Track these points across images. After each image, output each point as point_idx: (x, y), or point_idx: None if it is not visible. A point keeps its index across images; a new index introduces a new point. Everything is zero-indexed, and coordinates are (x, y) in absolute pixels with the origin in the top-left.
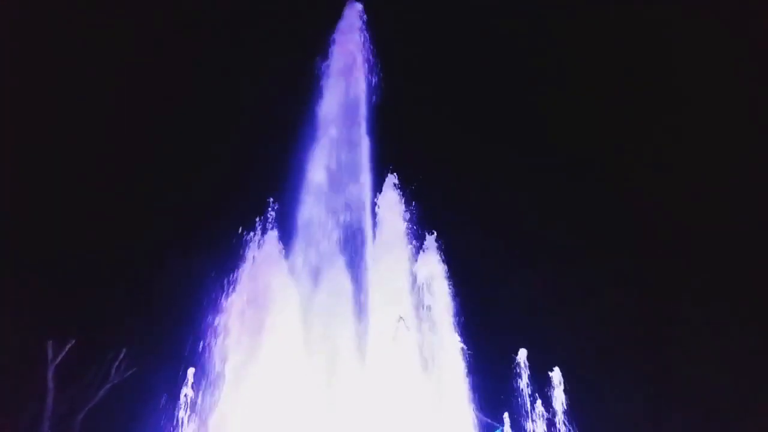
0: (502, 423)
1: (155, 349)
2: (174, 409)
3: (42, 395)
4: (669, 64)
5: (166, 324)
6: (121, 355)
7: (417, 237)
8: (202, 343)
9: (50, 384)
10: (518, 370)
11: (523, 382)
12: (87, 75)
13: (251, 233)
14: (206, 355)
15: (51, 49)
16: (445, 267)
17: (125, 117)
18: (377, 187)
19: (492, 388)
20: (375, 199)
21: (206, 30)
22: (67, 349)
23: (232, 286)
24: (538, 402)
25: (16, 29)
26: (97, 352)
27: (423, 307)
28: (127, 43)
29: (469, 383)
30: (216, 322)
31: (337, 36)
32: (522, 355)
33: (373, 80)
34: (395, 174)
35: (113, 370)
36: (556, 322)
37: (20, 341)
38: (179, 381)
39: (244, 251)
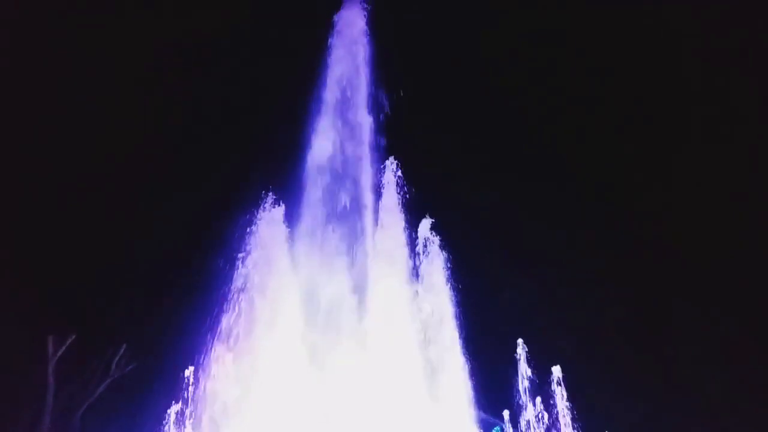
0: (502, 420)
1: (155, 344)
2: (174, 404)
3: (42, 390)
4: (669, 68)
5: (166, 319)
6: (122, 351)
7: (416, 232)
8: (202, 338)
9: (51, 379)
10: (518, 367)
11: (523, 379)
12: (87, 75)
13: (251, 227)
14: (206, 350)
15: (52, 49)
16: (446, 268)
17: (125, 115)
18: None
19: (492, 386)
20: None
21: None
22: (67, 344)
23: (232, 281)
24: (538, 399)
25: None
26: (98, 348)
27: (422, 309)
28: (131, 36)
29: (469, 381)
30: (217, 316)
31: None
32: (520, 347)
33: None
34: (397, 164)
35: (113, 366)
36: (556, 320)
37: (21, 336)
38: (179, 376)
39: (245, 244)
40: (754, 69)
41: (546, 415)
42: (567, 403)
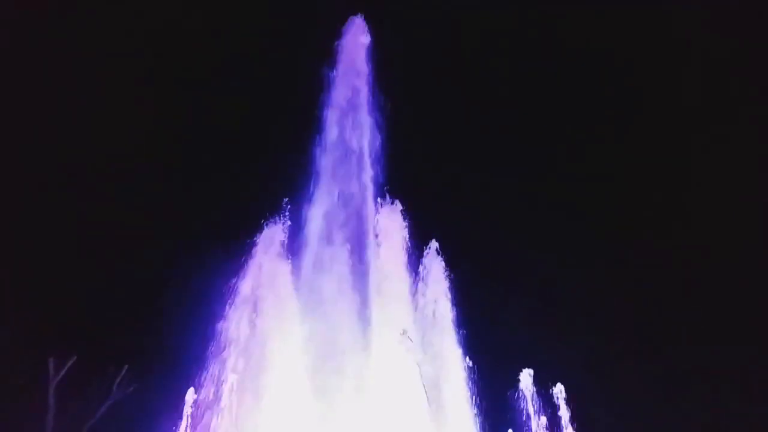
0: None
1: (157, 366)
2: (175, 426)
3: (43, 412)
4: (674, 82)
5: (167, 340)
6: (123, 372)
7: (419, 257)
8: (204, 361)
9: (51, 401)
10: (521, 389)
11: (528, 401)
12: (86, 73)
13: (253, 248)
14: (208, 372)
15: (54, 49)
16: (448, 286)
17: (125, 128)
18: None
19: (495, 406)
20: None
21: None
22: (68, 365)
23: (234, 304)
24: (543, 418)
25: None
26: (99, 369)
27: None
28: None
29: (473, 401)
30: (218, 338)
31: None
32: (526, 377)
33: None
34: (396, 195)
35: (115, 387)
36: (559, 339)
37: (21, 358)
38: (181, 398)
39: (247, 266)
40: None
41: None
42: (571, 423)
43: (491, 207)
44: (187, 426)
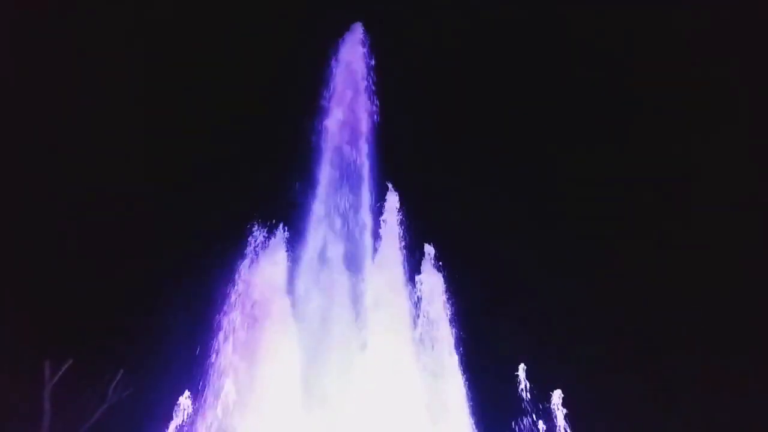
0: None
1: (153, 369)
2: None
3: (38, 416)
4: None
5: (164, 345)
6: (119, 376)
7: (416, 258)
8: (199, 364)
9: (46, 405)
10: (519, 392)
11: (524, 405)
12: (86, 73)
13: (249, 254)
14: (204, 376)
15: (54, 49)
16: (446, 298)
17: (125, 129)
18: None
19: (493, 415)
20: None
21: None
22: (64, 369)
23: (230, 309)
24: (540, 425)
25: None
26: (95, 373)
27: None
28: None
29: (470, 407)
30: (214, 342)
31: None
32: (521, 371)
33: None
34: (396, 193)
35: (110, 391)
36: (556, 349)
37: (16, 361)
38: (176, 402)
39: (242, 271)
40: None
41: None
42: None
43: (491, 212)
44: (182, 430)
